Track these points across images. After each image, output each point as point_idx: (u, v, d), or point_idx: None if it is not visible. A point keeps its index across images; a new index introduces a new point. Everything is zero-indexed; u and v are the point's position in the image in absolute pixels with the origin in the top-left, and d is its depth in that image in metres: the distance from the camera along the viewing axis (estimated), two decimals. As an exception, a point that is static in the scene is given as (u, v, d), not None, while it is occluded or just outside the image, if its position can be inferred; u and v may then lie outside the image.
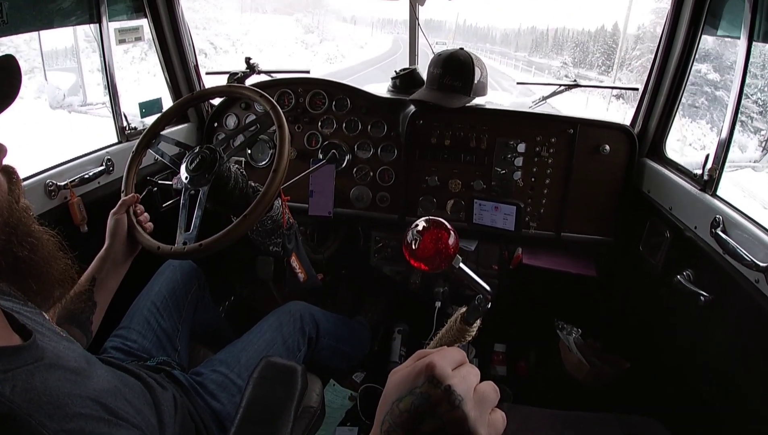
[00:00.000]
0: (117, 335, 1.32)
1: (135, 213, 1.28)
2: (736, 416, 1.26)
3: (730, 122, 1.36)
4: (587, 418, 1.28)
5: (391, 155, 1.92)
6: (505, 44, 46.42)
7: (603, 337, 1.88)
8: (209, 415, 1.18)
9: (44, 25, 1.49)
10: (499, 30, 51.91)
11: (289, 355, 1.40)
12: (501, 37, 49.61)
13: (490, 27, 54.42)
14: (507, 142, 1.81)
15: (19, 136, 5.91)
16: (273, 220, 1.48)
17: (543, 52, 37.66)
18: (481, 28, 54.90)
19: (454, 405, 0.43)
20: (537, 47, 39.51)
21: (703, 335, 1.41)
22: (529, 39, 43.04)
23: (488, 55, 35.15)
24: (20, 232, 0.65)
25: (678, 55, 1.62)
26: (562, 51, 33.99)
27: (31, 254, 0.66)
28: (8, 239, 0.63)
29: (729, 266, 1.24)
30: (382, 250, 2.09)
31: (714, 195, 1.40)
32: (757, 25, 1.31)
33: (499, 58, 36.26)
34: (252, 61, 2.05)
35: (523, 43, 43.42)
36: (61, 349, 0.72)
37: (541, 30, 40.50)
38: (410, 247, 0.81)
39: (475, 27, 55.99)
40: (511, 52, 40.66)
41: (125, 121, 1.76)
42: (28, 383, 0.60)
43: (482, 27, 54.95)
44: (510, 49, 43.13)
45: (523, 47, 42.41)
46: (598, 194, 1.80)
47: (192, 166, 1.30)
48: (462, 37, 46.33)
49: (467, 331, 0.92)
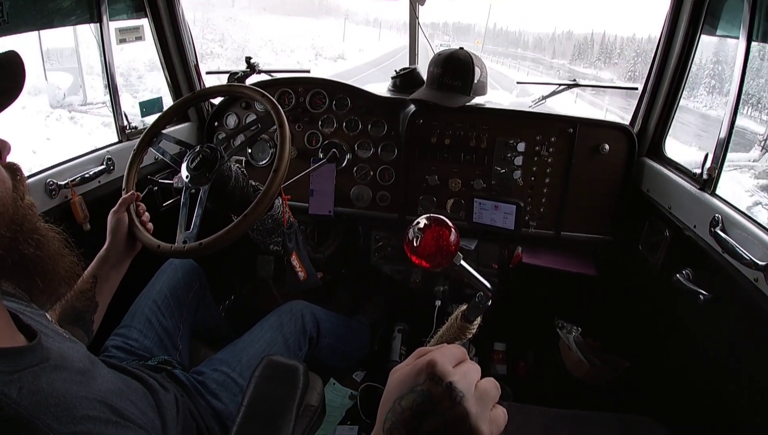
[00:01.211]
0: (118, 334, 1.32)
1: (137, 212, 1.28)
2: (735, 415, 1.26)
3: (729, 122, 1.37)
4: (586, 417, 1.28)
5: (391, 154, 1.93)
6: (538, 50, 42.15)
7: (603, 335, 1.89)
8: (211, 414, 1.18)
9: (44, 24, 1.49)
10: (531, 34, 47.61)
11: (290, 354, 1.40)
12: (534, 41, 45.37)
13: (522, 31, 50.34)
14: (507, 141, 1.81)
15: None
16: (274, 219, 1.48)
17: (588, 61, 32.29)
18: (512, 32, 51.01)
19: (456, 402, 0.44)
20: (580, 55, 34.60)
21: (702, 334, 1.41)
22: (568, 45, 38.16)
23: (519, 62, 31.95)
24: (26, 230, 0.64)
25: (677, 55, 1.63)
26: (610, 59, 29.75)
27: (37, 251, 0.65)
28: (14, 237, 0.62)
29: (728, 265, 1.24)
30: (382, 249, 2.10)
31: (713, 194, 1.40)
32: (756, 25, 1.31)
33: (533, 65, 31.57)
34: (252, 61, 2.05)
35: (560, 49, 38.77)
36: (65, 349, 0.72)
37: (583, 34, 35.49)
38: (412, 245, 0.81)
39: (505, 31, 52.39)
40: (546, 59, 36.77)
41: (126, 120, 1.76)
42: (34, 385, 0.59)
43: (513, 31, 51.03)
44: (545, 55, 38.77)
45: (560, 54, 37.91)
46: (598, 193, 1.81)
47: (193, 165, 1.30)
48: (492, 41, 41.79)
49: (468, 329, 0.92)
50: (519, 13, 49.02)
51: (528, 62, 33.33)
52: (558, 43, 39.84)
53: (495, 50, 22.11)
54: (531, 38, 46.65)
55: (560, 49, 38.76)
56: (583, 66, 31.27)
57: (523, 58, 36.61)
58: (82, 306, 1.14)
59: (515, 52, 40.69)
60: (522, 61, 33.21)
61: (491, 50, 27.55)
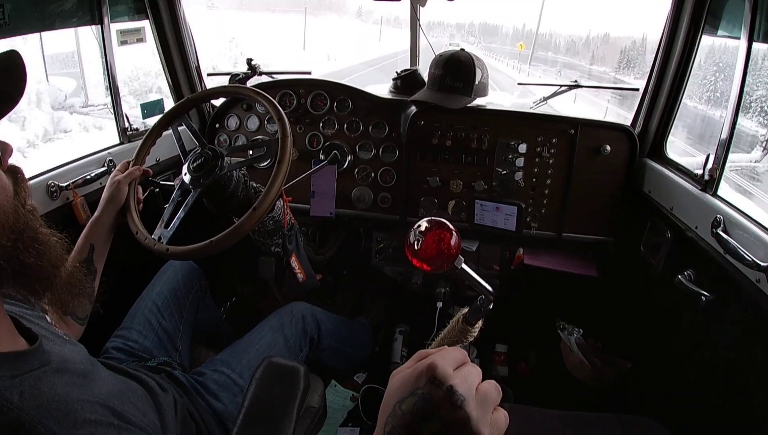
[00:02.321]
0: (118, 336, 1.33)
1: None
2: (737, 417, 1.26)
3: (731, 122, 1.36)
4: (588, 419, 1.28)
5: (392, 156, 1.93)
6: (572, 54, 38.70)
7: (604, 337, 1.88)
8: (210, 415, 1.18)
9: (46, 26, 1.49)
10: (562, 37, 43.93)
11: (291, 355, 1.40)
12: (566, 45, 41.82)
13: (553, 33, 46.36)
14: (508, 142, 1.81)
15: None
16: (275, 221, 1.48)
17: (640, 71, 25.94)
18: (542, 34, 45.93)
19: (456, 405, 0.43)
20: (629, 63, 29.39)
21: (704, 335, 1.41)
22: (607, 49, 34.13)
23: (550, 66, 28.19)
24: (26, 238, 0.63)
25: (678, 56, 1.62)
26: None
27: (37, 261, 0.64)
28: (14, 245, 0.61)
29: (730, 266, 1.24)
30: (384, 251, 2.10)
31: (715, 195, 1.40)
32: (757, 26, 1.31)
33: (569, 72, 26.90)
34: (253, 63, 2.05)
35: (599, 54, 35.00)
36: (66, 352, 0.72)
37: (628, 38, 31.17)
38: (413, 248, 0.81)
39: (536, 32, 50.34)
40: (583, 65, 32.66)
41: (127, 121, 1.77)
42: (36, 389, 0.59)
43: (543, 32, 46.12)
44: (580, 60, 34.41)
45: (600, 60, 33.77)
46: (599, 195, 1.80)
47: (193, 166, 1.31)
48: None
49: (469, 332, 0.92)
50: (550, 13, 45.08)
51: (562, 68, 29.78)
52: (595, 47, 35.59)
53: (523, 53, 20.19)
54: (563, 41, 43.06)
55: (599, 54, 35.20)
56: (634, 76, 27.06)
57: (554, 62, 33.19)
58: (83, 275, 1.16)
59: (545, 55, 37.19)
60: (551, 65, 30.09)
61: (524, 55, 24.40)
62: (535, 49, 26.61)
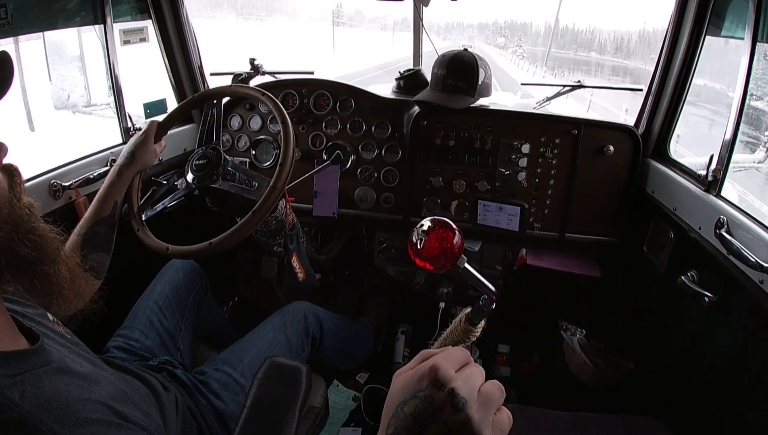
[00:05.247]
0: (120, 335, 1.33)
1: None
2: (740, 418, 1.25)
3: (734, 123, 1.36)
4: (591, 419, 1.27)
5: (395, 156, 1.92)
6: (622, 54, 32.16)
7: (607, 337, 1.88)
8: (212, 414, 1.18)
9: (49, 25, 1.50)
10: (607, 34, 37.18)
11: (293, 355, 1.40)
12: (613, 45, 35.26)
13: (594, 29, 39.92)
14: (511, 142, 1.81)
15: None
16: (277, 221, 1.48)
17: None
18: (581, 31, 40.53)
19: (458, 408, 0.43)
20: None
21: (707, 336, 1.41)
22: None
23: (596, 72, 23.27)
24: (22, 230, 0.63)
25: (682, 56, 1.62)
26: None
27: (33, 252, 0.63)
28: (9, 237, 0.61)
29: (733, 267, 1.24)
30: (386, 251, 2.09)
31: (718, 196, 1.39)
32: (761, 26, 1.30)
33: (621, 79, 22.22)
34: (256, 62, 2.05)
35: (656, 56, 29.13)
36: (67, 352, 0.72)
37: None
38: (415, 247, 0.81)
39: (572, 29, 41.49)
40: (644, 67, 24.94)
41: (130, 121, 1.77)
42: (37, 388, 0.59)
43: (582, 29, 40.42)
44: (635, 61, 27.36)
45: None
46: (603, 195, 1.80)
47: (196, 165, 1.32)
48: (556, 43, 31.92)
49: (472, 332, 0.92)
50: (591, 7, 38.00)
51: (610, 73, 25.26)
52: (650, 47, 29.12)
53: (558, 55, 16.10)
54: (608, 41, 36.58)
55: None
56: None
57: (600, 65, 28.01)
58: (106, 230, 1.19)
59: (587, 56, 32.27)
60: (599, 69, 25.43)
61: (552, 55, 21.02)
62: (575, 49, 24.16)
